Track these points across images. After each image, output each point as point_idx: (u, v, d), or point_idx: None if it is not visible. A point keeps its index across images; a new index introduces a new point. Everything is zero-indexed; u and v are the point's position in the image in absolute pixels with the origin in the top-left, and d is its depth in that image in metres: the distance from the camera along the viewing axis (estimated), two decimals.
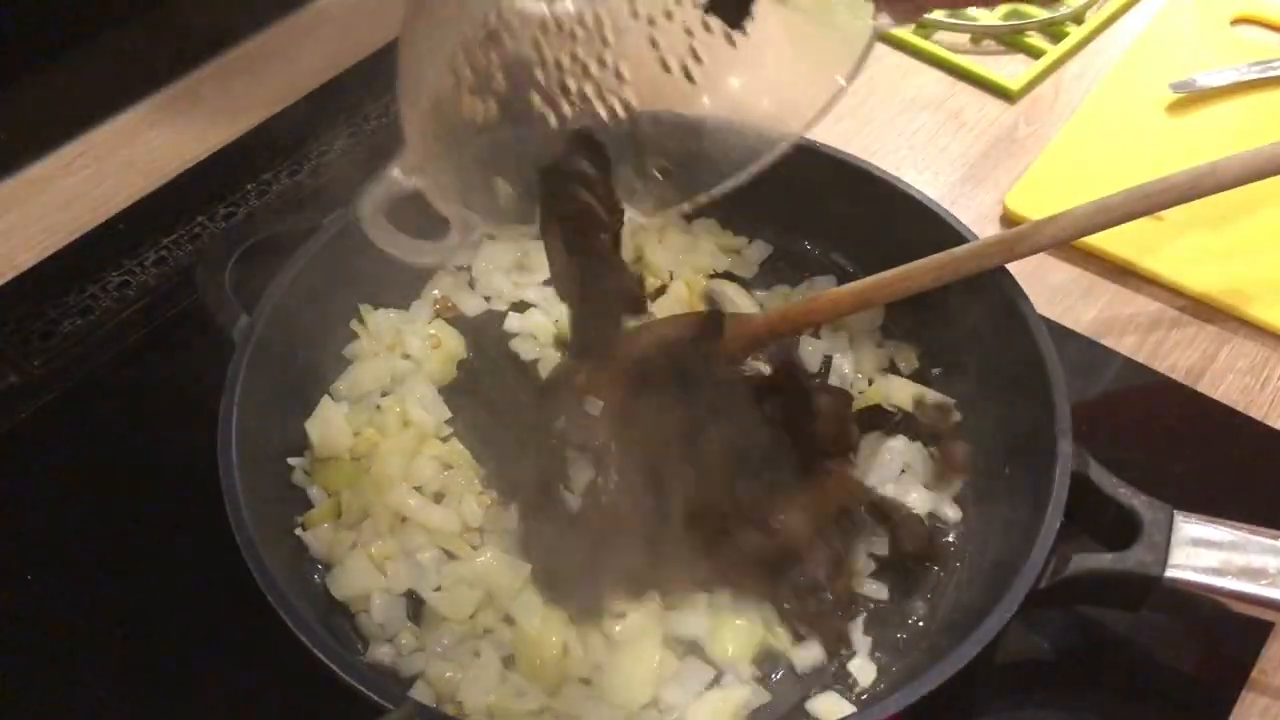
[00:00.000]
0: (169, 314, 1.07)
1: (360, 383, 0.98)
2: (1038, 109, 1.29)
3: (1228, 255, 1.11)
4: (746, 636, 0.84)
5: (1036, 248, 0.92)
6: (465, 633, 0.84)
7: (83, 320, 1.07)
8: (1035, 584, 0.77)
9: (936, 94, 1.31)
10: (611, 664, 0.82)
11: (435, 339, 1.02)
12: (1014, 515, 0.86)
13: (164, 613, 0.89)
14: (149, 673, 0.86)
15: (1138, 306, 1.09)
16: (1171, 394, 1.02)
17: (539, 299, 1.06)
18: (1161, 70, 1.28)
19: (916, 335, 1.03)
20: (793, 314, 0.95)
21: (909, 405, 0.97)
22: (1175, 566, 0.78)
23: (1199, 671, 0.86)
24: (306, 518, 0.90)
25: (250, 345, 0.89)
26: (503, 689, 0.80)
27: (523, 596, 0.85)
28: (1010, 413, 0.92)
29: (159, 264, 1.11)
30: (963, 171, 1.22)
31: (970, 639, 0.74)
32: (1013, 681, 0.87)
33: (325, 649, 0.73)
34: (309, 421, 0.94)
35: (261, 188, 1.18)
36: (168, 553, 0.92)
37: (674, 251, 1.09)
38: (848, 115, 1.28)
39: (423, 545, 0.88)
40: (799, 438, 0.89)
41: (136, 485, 0.95)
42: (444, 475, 0.92)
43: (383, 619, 0.85)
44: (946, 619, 0.85)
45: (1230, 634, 0.87)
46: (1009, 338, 0.92)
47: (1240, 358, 1.05)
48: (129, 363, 1.04)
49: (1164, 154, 1.18)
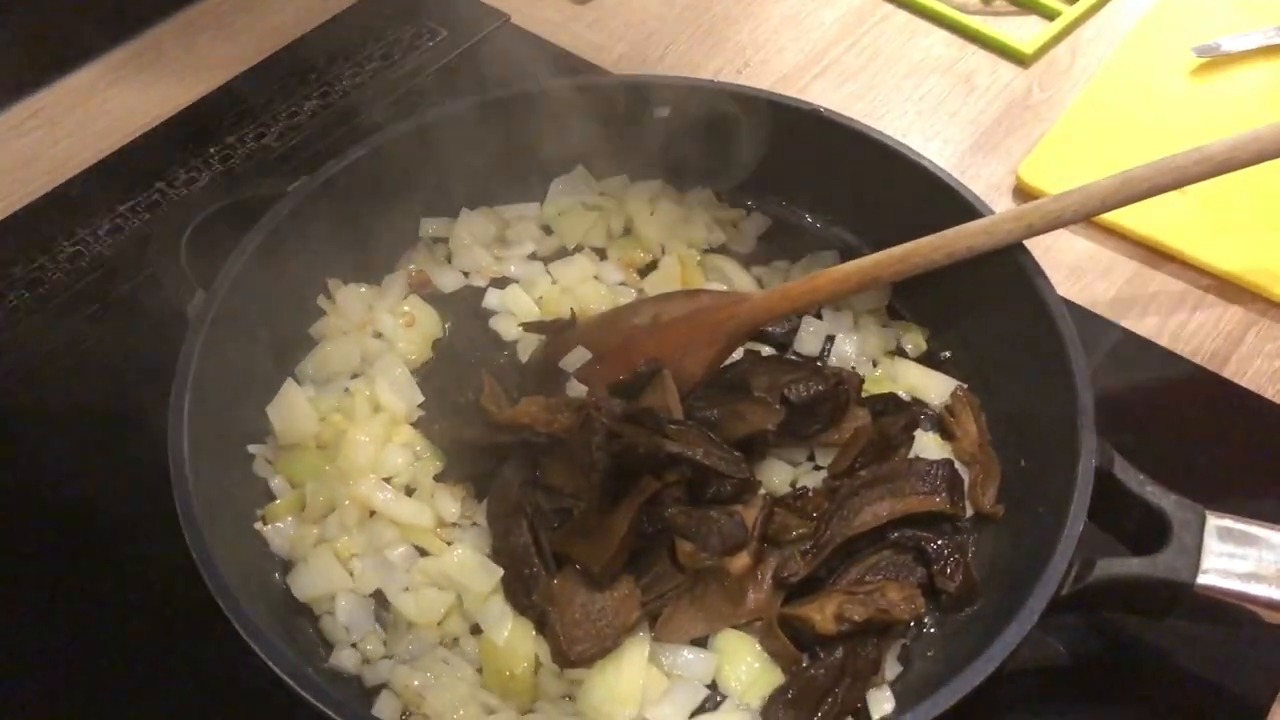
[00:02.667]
0: (123, 286, 1.00)
1: (327, 364, 0.91)
2: (1053, 73, 1.22)
3: (1256, 231, 1.04)
4: (764, 678, 0.77)
5: (1056, 223, 0.86)
6: (434, 640, 0.78)
7: (31, 293, 1.00)
8: (1057, 591, 0.71)
9: (946, 56, 1.23)
10: (592, 680, 0.76)
11: (409, 317, 0.95)
12: (1032, 512, 0.80)
13: (112, 611, 0.82)
14: (94, 679, 0.80)
15: (1160, 285, 1.03)
16: (1195, 380, 0.96)
17: (521, 274, 0.99)
18: (1183, 33, 1.21)
19: (925, 315, 0.96)
20: (794, 292, 0.88)
21: (929, 396, 0.90)
22: (1207, 572, 0.72)
23: (1228, 681, 0.80)
24: (267, 510, 0.84)
25: (206, 324, 0.83)
26: (472, 703, 0.74)
27: (491, 603, 0.78)
28: (1026, 400, 0.86)
29: (114, 233, 1.04)
30: (973, 139, 1.15)
31: (987, 653, 0.68)
32: (1027, 690, 0.81)
33: (280, 659, 0.67)
34: (271, 406, 0.87)
35: (225, 152, 1.11)
36: (117, 545, 0.85)
37: (666, 224, 1.02)
38: (851, 78, 1.21)
39: (392, 541, 0.82)
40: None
41: (83, 473, 0.89)
42: (415, 465, 0.86)
43: (348, 621, 0.79)
44: (959, 624, 0.79)
45: (1260, 643, 0.81)
46: (1025, 320, 0.86)
47: (1268, 340, 0.99)
48: (79, 339, 0.97)
49: (1187, 122, 1.13)
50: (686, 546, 0.78)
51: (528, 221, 1.03)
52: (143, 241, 1.02)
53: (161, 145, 1.12)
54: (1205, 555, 0.73)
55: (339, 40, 1.22)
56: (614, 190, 1.04)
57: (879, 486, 0.82)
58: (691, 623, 0.79)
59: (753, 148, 1.00)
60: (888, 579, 0.80)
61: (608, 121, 1.00)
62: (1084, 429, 0.77)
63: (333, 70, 1.19)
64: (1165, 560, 0.73)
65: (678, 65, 1.22)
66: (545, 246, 1.02)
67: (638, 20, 1.27)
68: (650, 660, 0.77)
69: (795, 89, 1.20)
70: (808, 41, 1.25)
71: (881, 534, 0.82)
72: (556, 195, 1.04)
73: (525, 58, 1.20)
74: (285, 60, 1.20)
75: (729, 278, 0.99)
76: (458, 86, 1.17)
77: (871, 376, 0.92)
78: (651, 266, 1.00)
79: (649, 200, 1.03)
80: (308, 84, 1.17)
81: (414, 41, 1.22)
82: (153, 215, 1.05)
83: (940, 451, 0.87)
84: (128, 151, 1.11)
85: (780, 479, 0.86)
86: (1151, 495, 0.76)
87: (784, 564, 0.79)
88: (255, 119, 1.14)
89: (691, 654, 0.78)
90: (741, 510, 0.79)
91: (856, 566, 0.81)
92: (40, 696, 0.79)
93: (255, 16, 1.25)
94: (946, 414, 0.89)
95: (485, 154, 1.00)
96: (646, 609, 0.78)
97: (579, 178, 1.04)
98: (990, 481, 0.85)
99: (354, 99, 1.16)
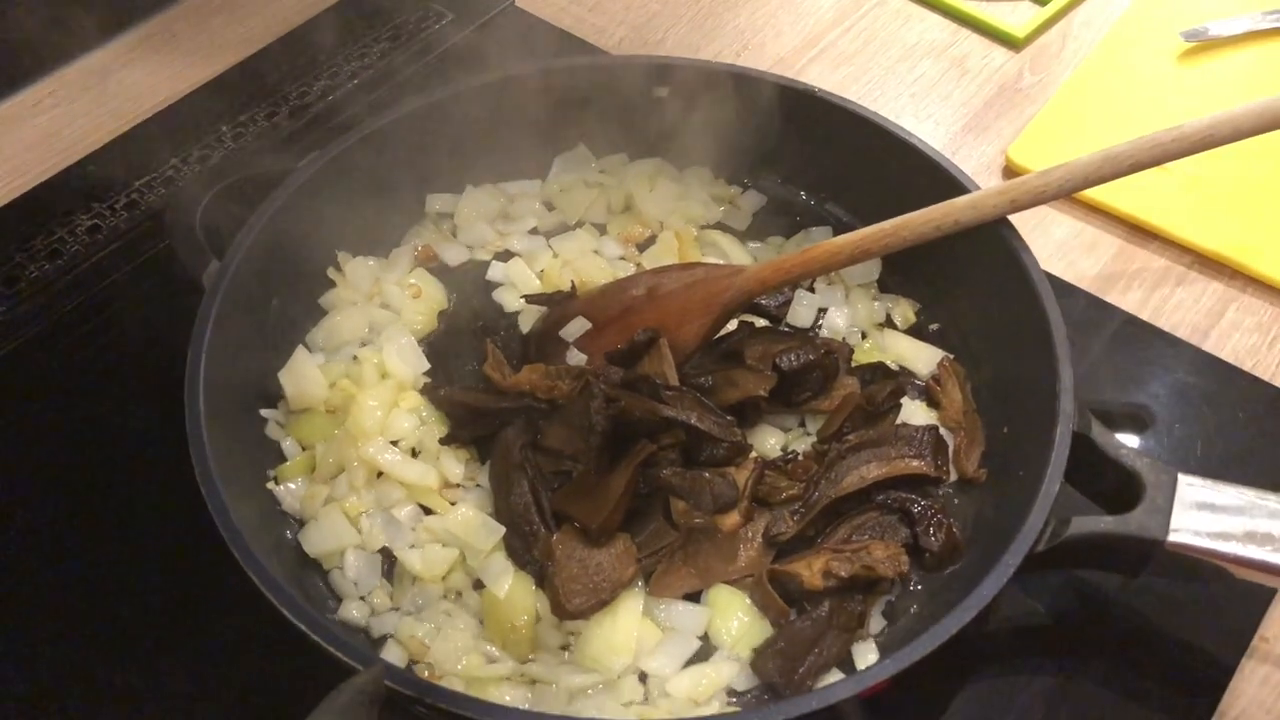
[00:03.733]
0: (140, 259, 1.03)
1: (337, 332, 0.95)
2: (1044, 57, 1.25)
3: (1237, 209, 1.07)
4: (754, 630, 0.81)
5: (1039, 198, 0.89)
6: (438, 593, 0.81)
7: (50, 265, 1.03)
8: (1033, 547, 0.74)
9: (939, 40, 1.26)
10: (590, 632, 0.79)
11: (415, 288, 0.98)
12: (1012, 476, 0.83)
13: (130, 565, 0.86)
14: (114, 626, 0.83)
15: (1143, 262, 1.06)
16: (1176, 353, 0.99)
17: (523, 248, 1.03)
18: (1172, 18, 1.24)
19: (914, 289, 0.99)
20: (787, 264, 0.91)
21: (917, 366, 0.94)
22: (1178, 530, 0.75)
23: (1199, 638, 0.84)
24: (279, 471, 0.87)
25: (220, 291, 0.86)
26: (475, 653, 0.78)
27: (493, 559, 0.82)
28: (1010, 369, 0.89)
29: (130, 207, 1.07)
30: (965, 120, 1.18)
31: (964, 604, 0.71)
32: (1008, 645, 0.84)
33: (293, 606, 0.71)
34: (283, 372, 0.90)
35: (237, 130, 1.14)
36: (135, 504, 0.89)
37: (665, 200, 1.05)
38: (846, 61, 1.24)
39: (399, 501, 0.86)
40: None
41: (103, 436, 0.92)
42: (421, 429, 0.89)
43: (356, 576, 0.82)
44: (942, 581, 0.83)
45: (1231, 601, 0.84)
46: (1010, 292, 0.89)
47: (1248, 315, 1.02)
48: (98, 309, 1.00)
49: (1175, 104, 1.16)
50: (680, 505, 0.81)
51: (530, 198, 1.06)
52: (158, 215, 1.05)
53: (175, 124, 1.15)
54: (1176, 514, 0.76)
55: (347, 23, 1.25)
56: (614, 168, 1.07)
57: (866, 450, 0.86)
58: (685, 578, 0.82)
59: (749, 127, 1.03)
60: (874, 538, 0.83)
61: (609, 101, 1.03)
62: (1063, 394, 0.80)
63: (342, 52, 1.22)
64: (1138, 518, 0.76)
65: (678, 48, 1.25)
66: (547, 222, 1.05)
67: (639, 4, 1.30)
68: (645, 614, 0.80)
69: (792, 71, 1.23)
70: (804, 26, 1.28)
71: (868, 495, 0.85)
72: (558, 173, 1.07)
73: (529, 40, 1.23)
74: (295, 42, 1.23)
75: (725, 252, 1.02)
76: (463, 67, 1.19)
77: (861, 347, 0.95)
78: (650, 241, 1.03)
79: (648, 177, 1.06)
80: (317, 65, 1.20)
81: (421, 24, 1.25)
82: (168, 190, 1.08)
83: (926, 418, 0.90)
84: (142, 129, 1.14)
85: (772, 443, 0.89)
86: (1126, 458, 0.79)
87: (774, 523, 0.83)
88: (266, 99, 1.17)
89: (684, 608, 0.81)
90: (733, 472, 0.82)
91: (844, 526, 0.84)
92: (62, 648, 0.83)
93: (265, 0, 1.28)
94: (933, 383, 0.92)
95: (489, 132, 1.03)
96: (642, 565, 0.82)
97: (580, 156, 1.07)
98: (974, 447, 0.89)
99: (362, 79, 1.19)
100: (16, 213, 1.07)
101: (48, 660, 0.82)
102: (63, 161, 1.11)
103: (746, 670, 0.79)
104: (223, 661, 0.81)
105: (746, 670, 0.79)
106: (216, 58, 1.21)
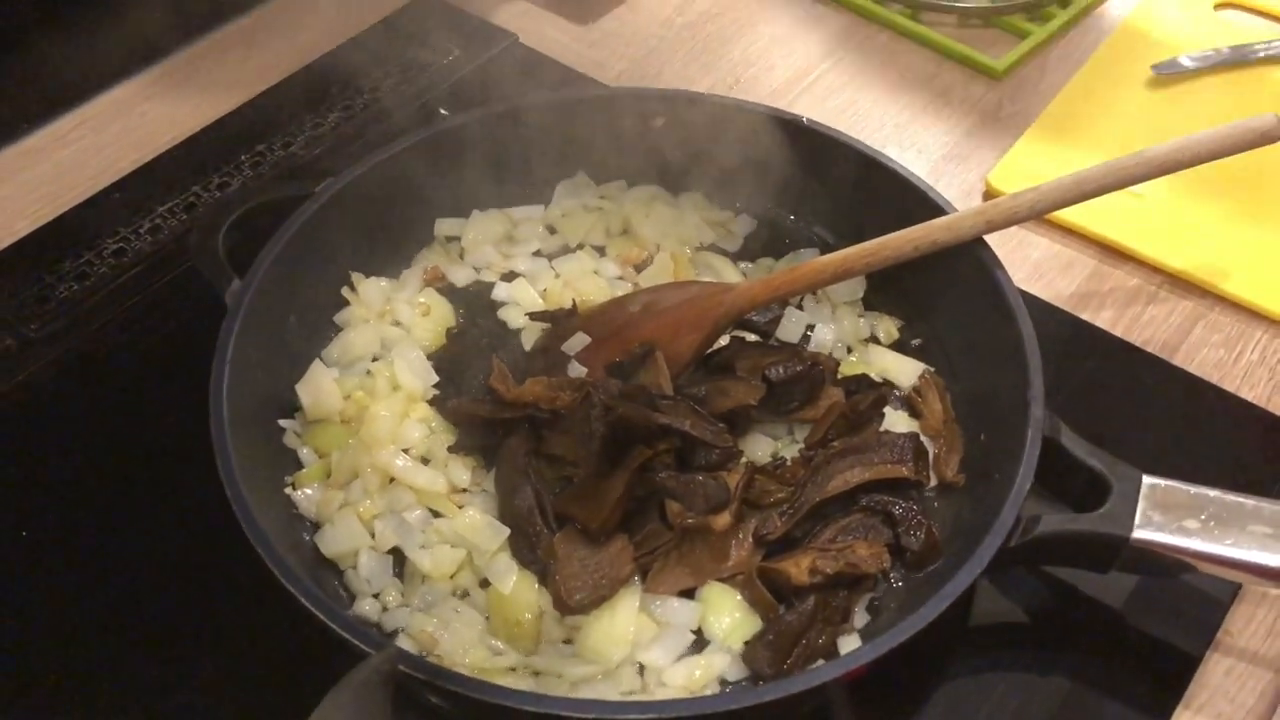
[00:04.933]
0: (163, 280, 1.09)
1: (351, 348, 1.00)
2: (1023, 89, 1.31)
3: (1205, 232, 1.13)
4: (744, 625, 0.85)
5: (1012, 219, 0.94)
6: (446, 591, 0.86)
7: (79, 286, 1.08)
8: (1005, 542, 0.79)
9: (923, 73, 1.33)
10: (590, 626, 0.84)
11: (425, 307, 1.04)
12: (989, 480, 0.88)
13: (158, 566, 0.91)
14: (141, 629, 0.88)
15: (1116, 281, 1.11)
16: (1147, 366, 1.04)
17: (527, 269, 1.08)
18: (1145, 52, 1.30)
19: (897, 306, 1.05)
20: (776, 282, 0.97)
21: (899, 378, 0.99)
22: (1142, 527, 0.80)
23: (1167, 632, 0.88)
24: (296, 477, 0.92)
25: (242, 308, 0.91)
26: (481, 646, 0.82)
27: (498, 559, 0.87)
28: (987, 381, 0.94)
29: (154, 232, 1.13)
30: (947, 149, 1.24)
31: (940, 593, 0.76)
32: (986, 642, 0.89)
33: (312, 598, 0.75)
34: (300, 385, 0.96)
35: (255, 159, 1.20)
36: (161, 511, 0.94)
37: (661, 224, 1.11)
38: (835, 93, 1.30)
39: (409, 505, 0.90)
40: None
41: (131, 446, 0.97)
42: (431, 438, 0.94)
43: (369, 575, 0.87)
44: (922, 579, 0.87)
45: (1198, 597, 0.89)
46: (986, 308, 0.94)
47: (1215, 332, 1.07)
48: (124, 327, 1.06)
49: (1146, 133, 1.21)
50: (675, 507, 0.86)
51: (534, 222, 1.12)
52: (181, 239, 1.11)
53: (197, 153, 1.20)
54: (1141, 512, 0.81)
55: (359, 58, 1.31)
56: (613, 193, 1.13)
57: (850, 456, 0.91)
58: (679, 576, 0.87)
59: (742, 155, 1.09)
60: (858, 538, 0.88)
61: (608, 131, 1.09)
62: (1033, 402, 0.85)
63: (354, 85, 1.28)
64: (1104, 516, 0.81)
65: (674, 81, 1.31)
66: (549, 244, 1.11)
67: (637, 39, 1.36)
68: (642, 609, 0.85)
69: (784, 103, 1.28)
70: (795, 60, 1.34)
71: (853, 499, 0.90)
72: (560, 198, 1.13)
73: (532, 74, 1.29)
74: (310, 76, 1.29)
75: (718, 272, 1.07)
76: (469, 100, 1.26)
77: (847, 361, 1.01)
78: (647, 262, 1.08)
79: (645, 202, 1.12)
80: (330, 98, 1.26)
81: (429, 59, 1.31)
82: (189, 215, 1.14)
83: (908, 427, 0.95)
84: (165, 159, 1.20)
85: (761, 450, 0.94)
86: (1093, 460, 0.84)
87: (763, 523, 0.88)
88: (282, 130, 1.23)
89: (679, 603, 0.85)
90: (725, 475, 0.87)
91: (830, 528, 0.89)
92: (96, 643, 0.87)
93: (281, 36, 1.35)
94: (914, 394, 0.97)
95: (495, 161, 1.09)
96: (639, 563, 0.86)
97: (581, 182, 1.13)
98: (953, 454, 0.93)
99: (373, 111, 1.25)
100: (46, 237, 1.13)
101: (83, 653, 0.86)
102: (90, 189, 1.17)
103: (738, 661, 0.83)
104: (245, 653, 0.86)
105: (738, 661, 0.83)
106: (235, 91, 1.27)
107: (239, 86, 1.28)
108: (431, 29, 1.35)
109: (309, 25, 1.36)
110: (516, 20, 1.38)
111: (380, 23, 1.36)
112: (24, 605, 0.89)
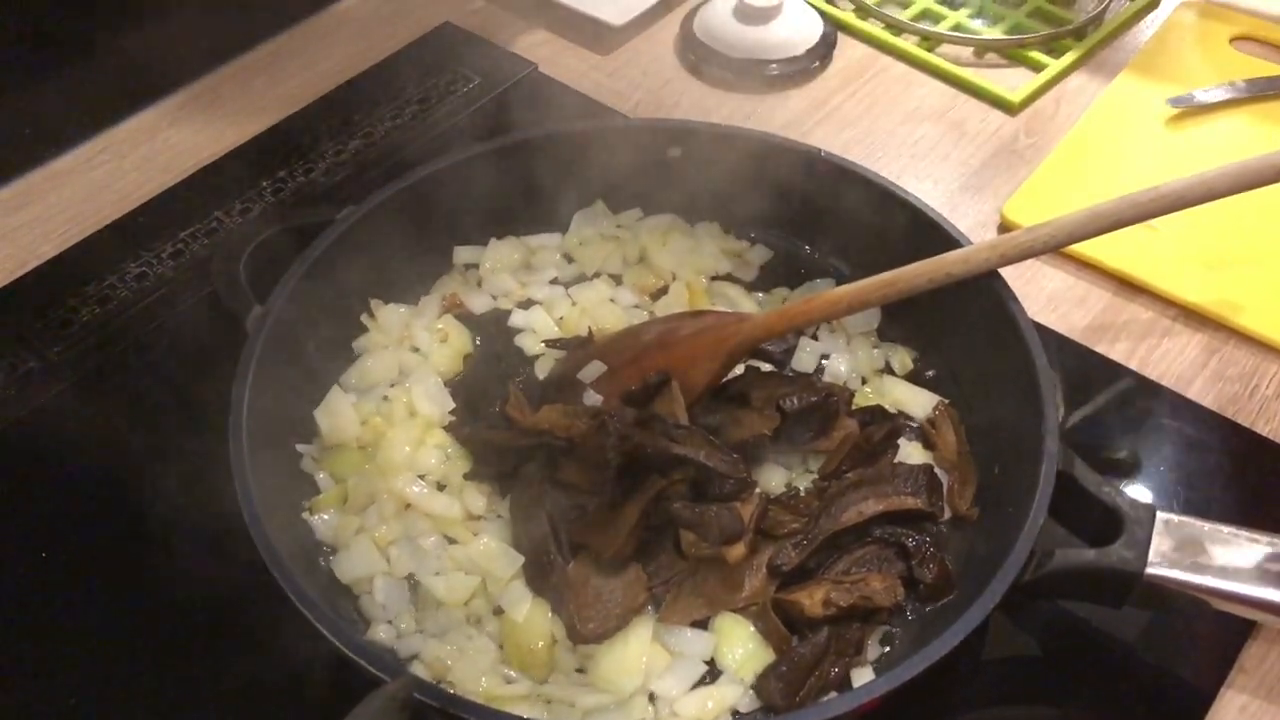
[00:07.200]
0: (185, 305, 1.10)
1: (369, 374, 1.01)
2: (1038, 121, 1.31)
3: (1219, 266, 1.13)
4: (757, 656, 0.85)
5: (1027, 253, 0.95)
6: (460, 618, 0.87)
7: (101, 309, 1.10)
8: (1019, 577, 0.79)
9: (939, 105, 1.33)
10: (602, 655, 0.84)
11: (443, 333, 1.05)
12: (1003, 513, 0.88)
13: (174, 592, 0.91)
14: (159, 651, 0.89)
15: (1131, 314, 1.12)
16: (1161, 400, 1.04)
17: (544, 297, 1.09)
18: (1161, 86, 1.31)
19: (912, 338, 1.05)
20: (791, 313, 0.97)
21: (913, 409, 0.99)
22: (1156, 564, 0.80)
23: (1181, 669, 0.88)
24: (314, 502, 0.93)
25: (263, 333, 0.92)
26: (494, 674, 0.83)
27: (512, 586, 0.87)
28: (1001, 414, 0.95)
29: (176, 256, 1.14)
30: (962, 180, 1.25)
31: (953, 628, 0.76)
32: (1000, 678, 0.89)
33: (328, 623, 0.76)
34: (318, 410, 0.96)
35: (277, 185, 1.22)
36: (181, 534, 0.94)
37: (677, 253, 1.11)
38: (850, 124, 1.31)
39: (425, 531, 0.91)
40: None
41: (150, 469, 0.98)
42: (447, 465, 0.95)
43: (384, 600, 0.88)
44: (935, 613, 0.87)
45: (1212, 633, 0.89)
46: (1001, 341, 0.94)
47: (1230, 365, 1.07)
48: (145, 351, 1.07)
49: (1161, 166, 1.22)
50: (689, 537, 0.87)
51: (551, 250, 1.13)
52: (203, 264, 1.12)
53: (219, 179, 1.22)
54: (1154, 548, 0.81)
55: (380, 86, 1.33)
56: (629, 223, 1.14)
57: (865, 488, 0.91)
58: (693, 606, 0.87)
59: (757, 186, 1.10)
60: (871, 570, 0.88)
61: (625, 161, 1.10)
62: (1048, 435, 0.85)
63: (375, 113, 1.29)
64: (1117, 552, 0.81)
65: (691, 111, 1.32)
66: (566, 273, 1.12)
67: (655, 69, 1.38)
68: (655, 639, 0.85)
69: (799, 134, 1.29)
70: (811, 91, 1.35)
71: (866, 530, 0.90)
72: (577, 227, 1.14)
73: (551, 103, 1.31)
74: (331, 104, 1.31)
75: (734, 302, 1.08)
76: (488, 128, 1.27)
77: (861, 392, 1.01)
78: (663, 291, 1.09)
79: (662, 232, 1.13)
80: (352, 125, 1.28)
81: (449, 87, 1.33)
82: (211, 240, 1.15)
83: (922, 459, 0.96)
84: (188, 184, 1.22)
85: (776, 480, 0.94)
86: (1107, 495, 0.84)
87: (777, 554, 0.88)
88: (304, 156, 1.24)
89: (692, 634, 0.86)
90: (739, 506, 0.88)
91: (843, 559, 0.89)
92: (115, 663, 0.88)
93: (304, 64, 1.36)
94: (928, 426, 0.98)
95: (513, 189, 1.10)
96: (652, 593, 0.87)
97: (598, 211, 1.14)
98: (967, 487, 0.94)
99: (394, 139, 1.26)
100: (70, 260, 1.14)
101: (101, 675, 0.87)
102: (114, 213, 1.19)
103: (750, 693, 0.83)
104: (262, 677, 0.86)
105: (750, 693, 0.83)
106: (257, 118, 1.29)
107: (261, 113, 1.30)
108: (452, 57, 1.37)
109: (330, 53, 1.38)
110: (536, 49, 1.39)
111: (401, 50, 1.38)
112: (42, 626, 0.90)
